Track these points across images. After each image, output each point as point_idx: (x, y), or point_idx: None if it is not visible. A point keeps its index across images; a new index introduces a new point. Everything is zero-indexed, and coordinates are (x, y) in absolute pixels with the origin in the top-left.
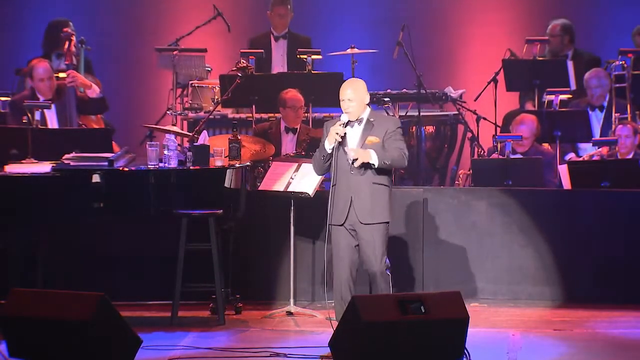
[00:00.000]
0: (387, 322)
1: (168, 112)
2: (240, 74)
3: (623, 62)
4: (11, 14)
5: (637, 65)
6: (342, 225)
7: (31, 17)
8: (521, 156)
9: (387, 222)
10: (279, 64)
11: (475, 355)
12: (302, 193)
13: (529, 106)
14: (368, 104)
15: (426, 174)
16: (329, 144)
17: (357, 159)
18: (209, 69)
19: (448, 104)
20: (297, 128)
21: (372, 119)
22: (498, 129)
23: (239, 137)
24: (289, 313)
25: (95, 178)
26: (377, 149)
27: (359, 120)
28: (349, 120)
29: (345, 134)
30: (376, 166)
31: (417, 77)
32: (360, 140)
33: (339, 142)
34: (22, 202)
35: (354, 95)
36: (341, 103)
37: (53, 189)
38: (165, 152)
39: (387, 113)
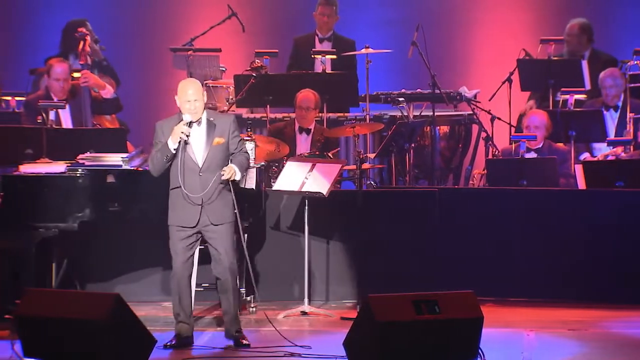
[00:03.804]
0: (401, 322)
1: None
2: (254, 74)
3: (638, 62)
4: (26, 14)
5: None
6: (193, 227)
7: (46, 17)
8: (535, 155)
9: (230, 223)
10: (321, 67)
11: (490, 355)
12: (316, 193)
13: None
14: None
15: (440, 173)
16: (172, 144)
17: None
18: (223, 69)
19: (462, 103)
20: (310, 128)
21: (211, 118)
22: (512, 129)
23: (254, 137)
24: (304, 313)
25: (110, 178)
26: (224, 155)
27: (199, 121)
28: (191, 121)
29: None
30: (239, 179)
31: (431, 77)
32: (207, 141)
33: (185, 142)
34: (37, 201)
35: (198, 94)
36: (185, 104)
37: (68, 189)
38: None
39: (402, 113)
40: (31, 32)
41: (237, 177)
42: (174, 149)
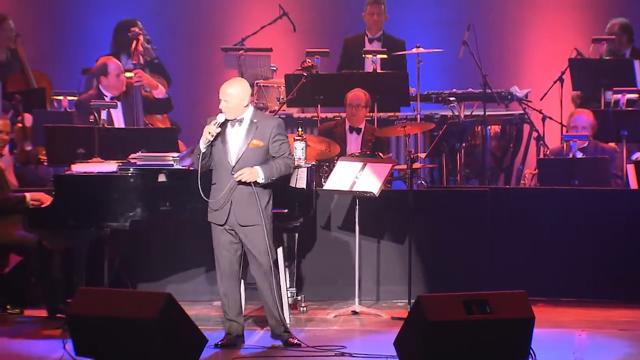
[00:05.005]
0: (452, 321)
1: None
2: (305, 74)
3: None
4: (77, 13)
5: None
6: (222, 225)
7: (97, 17)
8: (581, 154)
9: (266, 224)
10: (371, 66)
11: (541, 355)
12: (367, 192)
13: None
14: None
15: (492, 173)
16: (202, 143)
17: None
18: (275, 68)
19: (514, 103)
20: (361, 128)
21: (255, 120)
22: (564, 129)
23: (304, 137)
24: (354, 312)
25: (161, 177)
26: (262, 159)
27: (240, 121)
28: (227, 120)
29: (219, 132)
30: (263, 183)
31: (482, 77)
32: (244, 142)
33: (213, 140)
34: (88, 201)
35: (231, 96)
36: (220, 102)
37: (120, 188)
38: None
39: (453, 112)
40: (83, 31)
41: (259, 179)
42: (204, 148)
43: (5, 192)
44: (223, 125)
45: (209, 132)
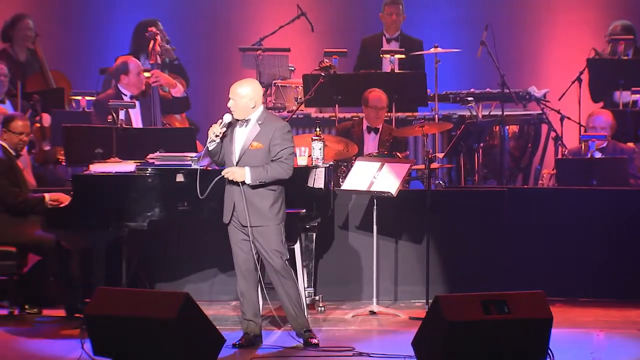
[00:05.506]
0: (470, 321)
1: None
2: (323, 74)
3: None
4: (96, 14)
5: None
6: (227, 224)
7: (116, 17)
8: (600, 154)
9: (268, 226)
10: (389, 66)
11: (559, 355)
12: (385, 192)
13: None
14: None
15: (510, 173)
16: (207, 142)
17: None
18: (292, 68)
19: (532, 103)
20: (379, 128)
21: (260, 122)
22: (582, 129)
23: (322, 137)
24: (372, 312)
25: (179, 177)
26: (263, 161)
27: (247, 121)
28: (236, 120)
29: (226, 132)
30: (249, 184)
31: (500, 77)
32: (245, 143)
33: (212, 141)
34: (107, 201)
35: (239, 96)
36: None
37: (138, 188)
38: None
39: (471, 112)
40: (101, 31)
41: (246, 180)
42: (211, 147)
43: (24, 192)
44: (232, 124)
45: (213, 132)
